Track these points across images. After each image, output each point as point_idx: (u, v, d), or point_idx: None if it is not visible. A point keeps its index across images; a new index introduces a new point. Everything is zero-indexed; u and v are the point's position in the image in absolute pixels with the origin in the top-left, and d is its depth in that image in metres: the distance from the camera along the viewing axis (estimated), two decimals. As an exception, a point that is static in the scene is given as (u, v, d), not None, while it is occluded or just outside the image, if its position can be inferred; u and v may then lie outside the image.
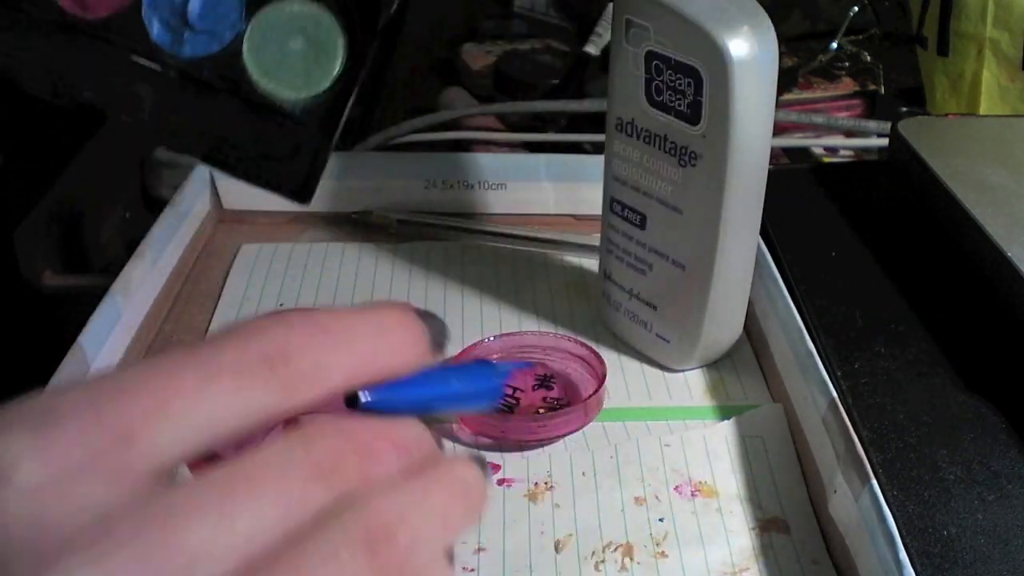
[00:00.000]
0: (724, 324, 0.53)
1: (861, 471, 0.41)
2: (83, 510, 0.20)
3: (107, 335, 0.50)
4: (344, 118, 0.37)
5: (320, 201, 0.63)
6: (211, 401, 0.22)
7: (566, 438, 0.49)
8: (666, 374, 0.54)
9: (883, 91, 0.87)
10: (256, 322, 0.23)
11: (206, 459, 0.22)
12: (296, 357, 0.23)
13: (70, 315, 0.50)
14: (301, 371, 0.23)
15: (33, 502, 0.20)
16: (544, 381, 0.52)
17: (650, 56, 0.48)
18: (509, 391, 0.50)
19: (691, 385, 0.53)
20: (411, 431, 0.25)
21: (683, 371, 0.54)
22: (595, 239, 0.57)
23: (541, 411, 0.50)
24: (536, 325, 0.57)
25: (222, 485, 0.21)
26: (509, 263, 0.63)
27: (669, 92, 0.48)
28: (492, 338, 0.53)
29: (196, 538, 0.20)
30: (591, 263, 0.61)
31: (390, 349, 0.25)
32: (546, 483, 0.46)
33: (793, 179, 0.66)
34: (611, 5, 0.51)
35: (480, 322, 0.57)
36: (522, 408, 0.50)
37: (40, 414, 0.21)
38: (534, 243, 0.64)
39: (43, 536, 0.20)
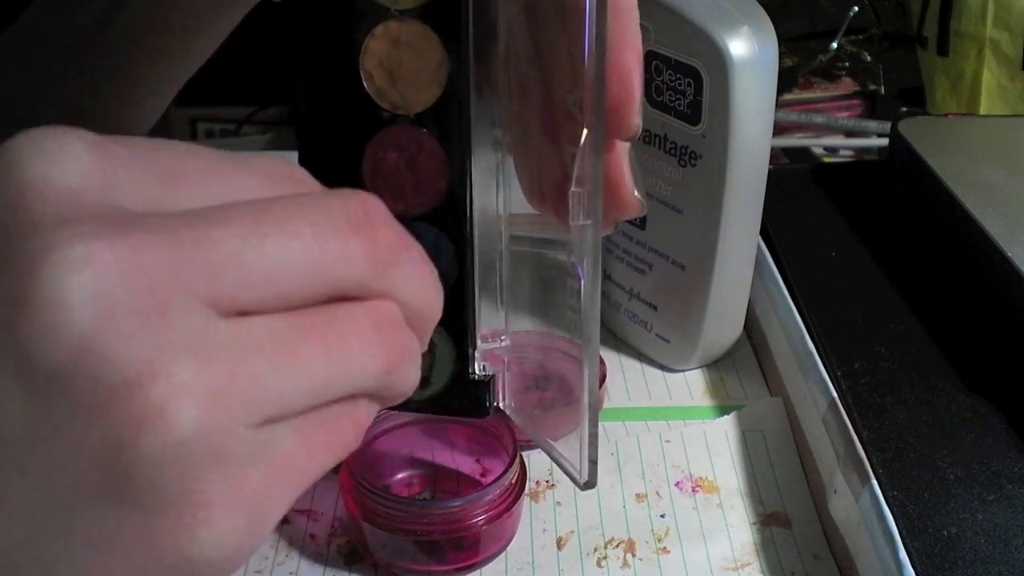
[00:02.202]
0: (724, 324, 0.53)
1: (861, 471, 0.41)
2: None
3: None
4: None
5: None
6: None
7: (565, 439, 0.49)
8: (666, 374, 0.54)
9: (883, 91, 0.87)
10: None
11: None
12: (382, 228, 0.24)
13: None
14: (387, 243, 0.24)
15: None
16: (539, 382, 0.52)
17: (650, 56, 0.48)
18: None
19: (691, 385, 0.53)
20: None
21: (683, 371, 0.54)
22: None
23: (536, 412, 0.50)
24: (532, 325, 0.57)
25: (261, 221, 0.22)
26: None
27: (669, 92, 0.48)
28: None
29: (227, 245, 0.21)
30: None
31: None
32: (547, 481, 0.46)
33: (793, 179, 0.66)
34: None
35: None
36: (516, 410, 0.50)
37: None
38: (527, 242, 0.64)
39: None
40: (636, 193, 0.34)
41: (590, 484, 0.34)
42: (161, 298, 0.20)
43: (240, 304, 0.21)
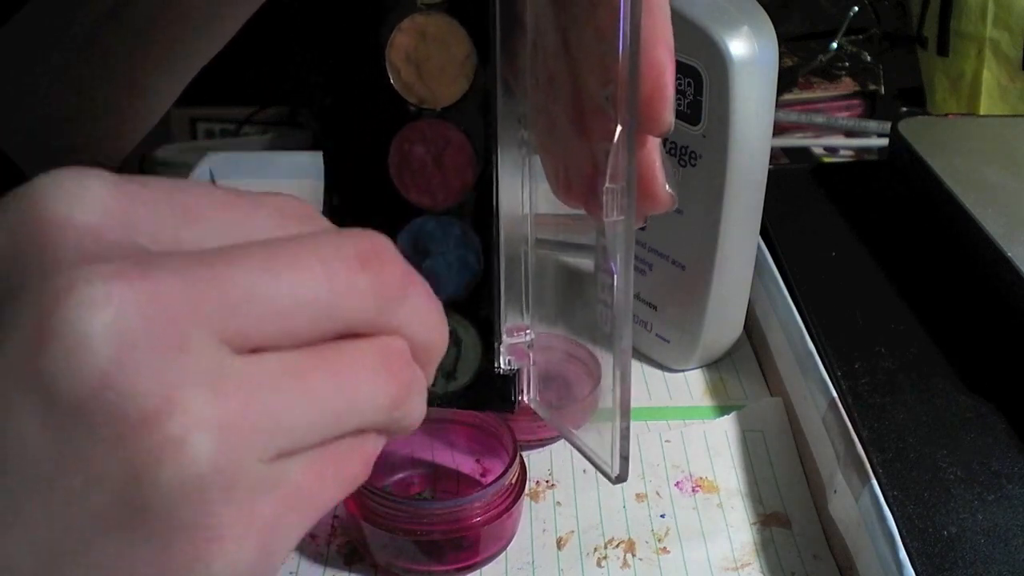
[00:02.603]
0: (724, 324, 0.53)
1: (861, 471, 0.41)
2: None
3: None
4: None
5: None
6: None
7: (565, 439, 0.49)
8: (666, 374, 0.54)
9: (883, 91, 0.87)
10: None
11: None
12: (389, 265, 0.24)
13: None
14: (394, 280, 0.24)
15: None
16: (544, 383, 0.52)
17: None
18: None
19: (691, 385, 0.53)
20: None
21: (683, 371, 0.54)
22: (594, 239, 0.57)
23: (556, 411, 0.50)
24: (551, 328, 0.57)
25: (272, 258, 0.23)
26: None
27: (670, 92, 0.48)
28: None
29: (241, 282, 0.22)
30: (590, 263, 0.61)
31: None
32: (547, 481, 0.46)
33: (793, 179, 0.66)
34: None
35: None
36: (542, 403, 0.50)
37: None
38: (555, 246, 0.64)
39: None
40: (667, 188, 0.34)
41: (621, 478, 0.34)
42: (179, 334, 0.21)
43: (253, 341, 0.22)
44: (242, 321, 0.21)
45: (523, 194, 0.36)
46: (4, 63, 0.50)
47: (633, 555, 0.43)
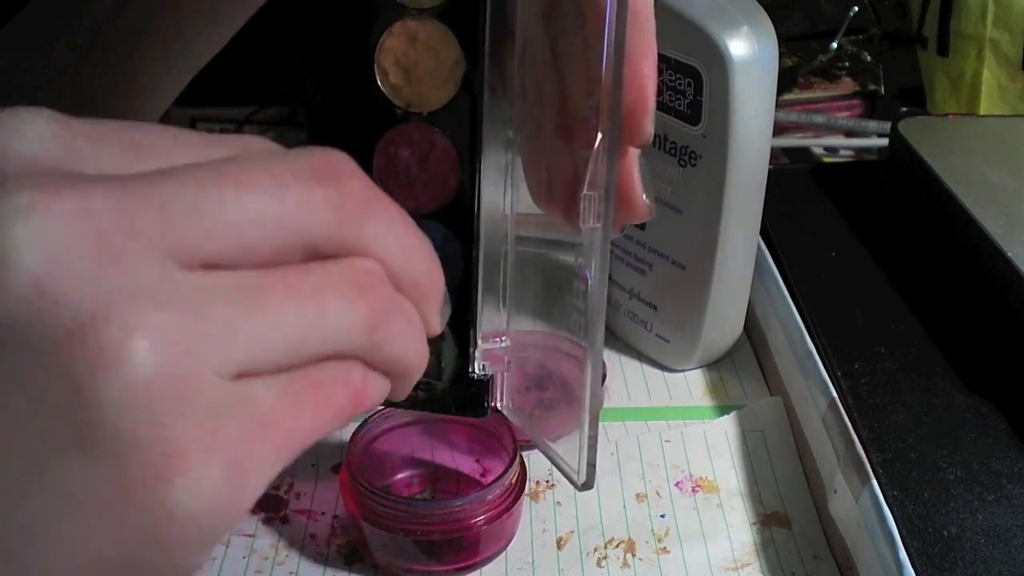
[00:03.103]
0: (724, 324, 0.53)
1: (861, 471, 0.41)
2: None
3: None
4: None
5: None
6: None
7: (564, 439, 0.49)
8: (666, 374, 0.54)
9: (883, 91, 0.87)
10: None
11: None
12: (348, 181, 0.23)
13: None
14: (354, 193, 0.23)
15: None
16: (541, 382, 0.52)
17: (650, 55, 0.48)
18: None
19: (691, 385, 0.53)
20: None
21: (683, 371, 0.54)
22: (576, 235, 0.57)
23: (536, 412, 0.50)
24: (532, 325, 0.57)
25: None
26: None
27: (669, 92, 0.48)
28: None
29: (183, 196, 0.21)
30: (572, 259, 0.61)
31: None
32: (547, 481, 0.46)
33: (793, 179, 0.66)
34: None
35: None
36: (515, 409, 0.50)
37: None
38: (531, 242, 0.64)
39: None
40: (645, 198, 0.34)
41: (587, 485, 0.34)
42: (114, 244, 0.20)
43: (203, 256, 0.21)
44: (186, 234, 0.21)
45: (505, 197, 0.36)
46: (4, 62, 0.50)
47: (633, 555, 0.43)
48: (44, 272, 0.19)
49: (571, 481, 0.35)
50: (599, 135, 0.31)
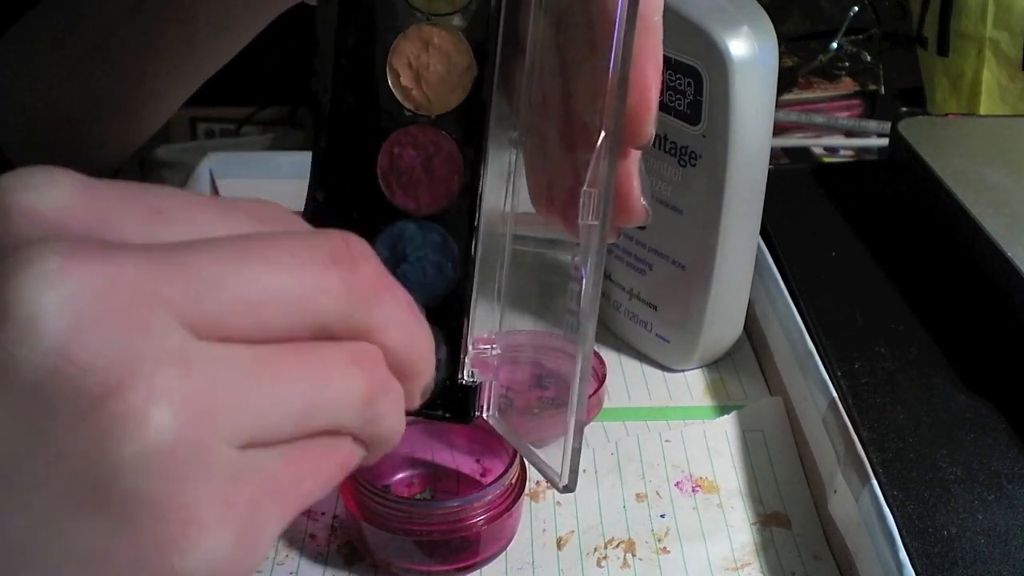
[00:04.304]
0: (724, 324, 0.53)
1: (861, 471, 0.41)
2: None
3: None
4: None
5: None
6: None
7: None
8: (666, 374, 0.54)
9: (883, 91, 0.87)
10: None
11: None
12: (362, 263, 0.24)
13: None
14: (367, 276, 0.24)
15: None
16: (540, 381, 0.52)
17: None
18: (503, 390, 0.51)
19: (691, 385, 0.53)
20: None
21: (683, 371, 0.54)
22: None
23: (536, 411, 0.50)
24: (533, 324, 0.57)
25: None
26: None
27: (669, 92, 0.48)
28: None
29: (207, 269, 0.21)
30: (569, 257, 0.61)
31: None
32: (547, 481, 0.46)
33: (793, 179, 0.66)
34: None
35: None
36: (516, 408, 0.50)
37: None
38: (531, 242, 0.64)
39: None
40: (643, 202, 0.35)
41: (569, 488, 0.34)
42: (140, 313, 0.20)
43: (220, 331, 0.22)
44: (208, 308, 0.21)
45: (505, 201, 0.37)
46: (15, 61, 0.50)
47: (633, 555, 0.43)
48: (72, 338, 0.20)
49: (553, 484, 0.35)
50: (602, 133, 0.31)
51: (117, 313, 0.20)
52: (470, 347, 0.37)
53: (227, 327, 0.22)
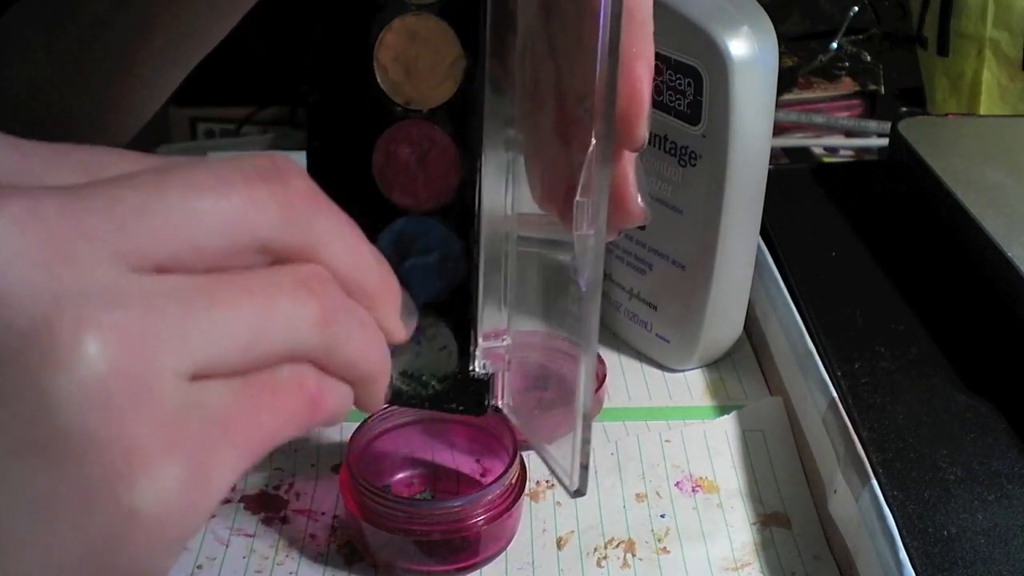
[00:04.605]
0: (724, 324, 0.53)
1: (861, 471, 0.41)
2: None
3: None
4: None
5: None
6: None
7: (566, 438, 0.49)
8: (666, 374, 0.54)
9: (883, 91, 0.87)
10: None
11: None
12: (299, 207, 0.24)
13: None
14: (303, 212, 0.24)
15: None
16: (540, 382, 0.52)
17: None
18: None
19: (691, 385, 0.53)
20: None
21: (683, 371, 0.54)
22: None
23: (536, 412, 0.50)
24: (533, 324, 0.57)
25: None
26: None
27: (669, 92, 0.48)
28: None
29: (130, 199, 0.21)
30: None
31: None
32: (547, 481, 0.46)
33: (793, 179, 0.66)
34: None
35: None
36: (515, 408, 0.50)
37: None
38: (534, 242, 0.64)
39: None
40: (640, 202, 0.34)
41: (580, 492, 0.34)
42: (64, 247, 0.20)
43: (153, 258, 0.21)
44: (135, 237, 0.21)
45: (507, 197, 0.36)
46: (5, 52, 0.50)
47: (633, 555, 0.43)
48: None
49: (564, 487, 0.35)
50: (592, 140, 0.30)
51: (41, 248, 0.20)
52: (480, 340, 0.37)
53: (159, 255, 0.21)
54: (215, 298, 0.22)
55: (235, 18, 0.49)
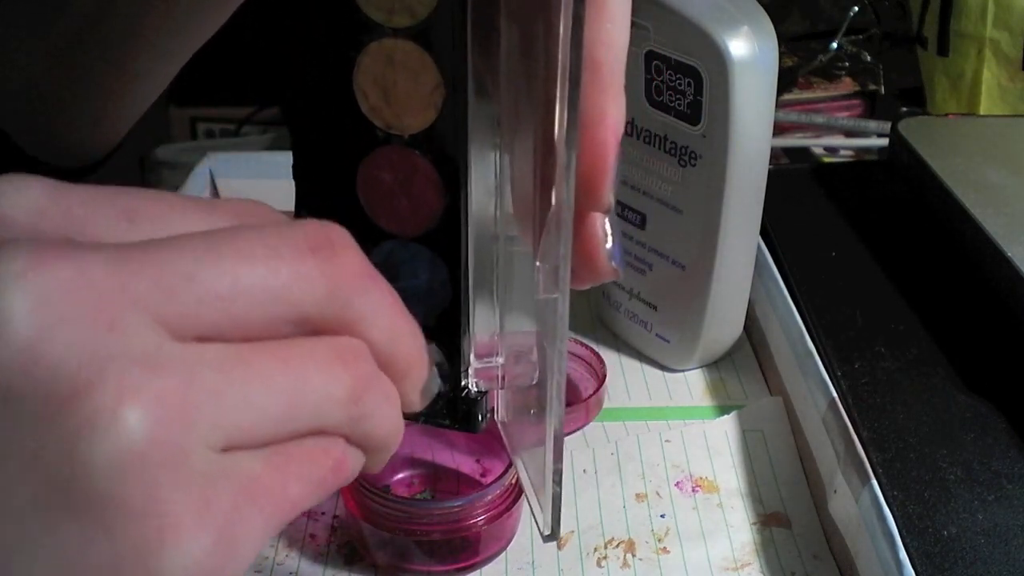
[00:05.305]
0: (724, 324, 0.53)
1: (861, 471, 0.41)
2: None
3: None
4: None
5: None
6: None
7: (567, 438, 0.49)
8: (666, 374, 0.54)
9: (883, 91, 0.87)
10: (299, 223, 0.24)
11: None
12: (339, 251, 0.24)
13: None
14: (343, 267, 0.24)
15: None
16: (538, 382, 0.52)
17: (650, 56, 0.48)
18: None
19: (691, 385, 0.53)
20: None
21: (683, 371, 0.54)
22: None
23: (532, 412, 0.50)
24: (531, 325, 0.57)
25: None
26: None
27: (669, 92, 0.48)
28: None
29: (178, 265, 0.21)
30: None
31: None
32: (547, 482, 0.46)
33: (793, 179, 0.67)
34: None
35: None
36: (515, 407, 0.50)
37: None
38: (524, 242, 0.64)
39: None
40: (611, 261, 0.32)
41: (552, 537, 0.33)
42: (110, 312, 0.20)
43: (195, 328, 0.21)
44: (180, 305, 0.21)
45: (496, 202, 0.35)
46: (2, 39, 0.50)
47: (633, 555, 0.43)
48: (39, 338, 0.19)
49: (538, 528, 0.34)
50: (552, 202, 0.29)
51: (85, 312, 0.20)
52: (472, 360, 0.36)
53: (201, 324, 0.21)
54: (251, 371, 0.22)
55: (226, 13, 0.49)
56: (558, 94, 0.27)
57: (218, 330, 0.21)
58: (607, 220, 0.32)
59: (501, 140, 0.34)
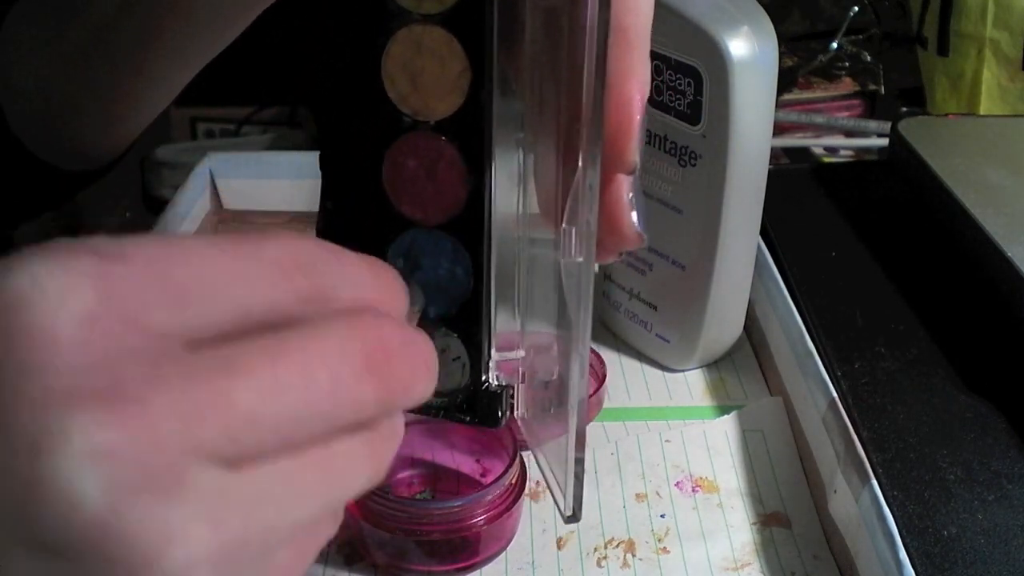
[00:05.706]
0: (724, 324, 0.53)
1: (861, 471, 0.41)
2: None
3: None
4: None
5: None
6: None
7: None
8: (666, 374, 0.54)
9: (883, 91, 0.87)
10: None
11: None
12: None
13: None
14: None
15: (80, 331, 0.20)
16: (549, 392, 0.52)
17: (650, 56, 0.48)
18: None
19: (691, 385, 0.53)
20: None
21: (683, 371, 0.54)
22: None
23: (551, 410, 0.50)
24: (548, 327, 0.57)
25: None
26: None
27: (669, 92, 0.48)
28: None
29: (243, 404, 0.21)
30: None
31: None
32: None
33: (793, 179, 0.67)
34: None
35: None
36: (530, 420, 0.50)
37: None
38: (548, 245, 0.64)
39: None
40: (637, 227, 0.33)
41: (574, 519, 0.34)
42: (177, 471, 0.20)
43: (253, 459, 0.22)
44: (243, 446, 0.21)
45: (518, 199, 0.35)
46: (13, 49, 0.50)
47: (633, 555, 0.43)
48: (110, 513, 0.19)
49: (559, 511, 0.34)
50: (579, 164, 0.29)
51: (154, 478, 0.20)
52: (493, 352, 0.36)
53: (255, 452, 0.22)
54: (296, 490, 0.23)
55: (247, 19, 0.49)
56: (587, 54, 0.28)
57: (268, 452, 0.22)
58: (632, 188, 0.32)
59: (524, 138, 0.34)
